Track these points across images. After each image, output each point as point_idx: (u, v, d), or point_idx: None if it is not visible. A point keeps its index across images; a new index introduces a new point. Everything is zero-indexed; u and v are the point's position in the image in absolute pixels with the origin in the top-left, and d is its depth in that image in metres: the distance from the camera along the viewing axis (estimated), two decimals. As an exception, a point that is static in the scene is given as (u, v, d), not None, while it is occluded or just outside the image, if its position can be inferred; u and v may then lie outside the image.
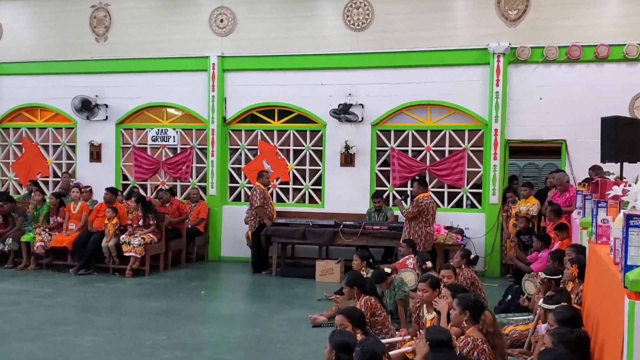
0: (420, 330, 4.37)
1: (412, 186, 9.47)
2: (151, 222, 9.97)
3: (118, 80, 11.92)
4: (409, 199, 9.08)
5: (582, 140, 9.90)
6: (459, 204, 10.74)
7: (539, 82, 10.08)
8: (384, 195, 10.70)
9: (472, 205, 10.70)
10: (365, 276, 6.71)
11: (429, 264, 6.81)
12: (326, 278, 9.41)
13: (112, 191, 10.41)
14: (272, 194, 11.19)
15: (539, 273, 5.89)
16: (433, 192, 10.56)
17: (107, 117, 11.96)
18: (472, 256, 7.30)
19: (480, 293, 6.77)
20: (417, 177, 10.06)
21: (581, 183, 8.71)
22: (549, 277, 5.55)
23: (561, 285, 5.42)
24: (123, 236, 9.81)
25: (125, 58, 11.83)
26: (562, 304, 4.34)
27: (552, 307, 4.34)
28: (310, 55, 10.98)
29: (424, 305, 5.44)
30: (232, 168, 11.72)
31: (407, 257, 7.88)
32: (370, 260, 7.62)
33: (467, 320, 4.21)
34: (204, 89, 11.47)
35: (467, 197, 10.67)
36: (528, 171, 14.79)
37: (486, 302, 6.73)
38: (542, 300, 4.56)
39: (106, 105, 11.94)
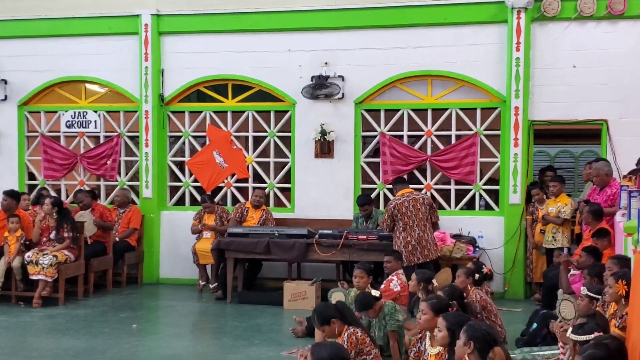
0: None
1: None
2: (66, 235, 9.91)
3: (20, 47, 11.90)
4: None
5: (628, 121, 10.05)
6: (470, 205, 10.86)
7: (572, 46, 10.19)
8: (373, 195, 10.79)
9: (487, 207, 10.79)
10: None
11: (436, 283, 6.82)
12: (297, 304, 9.39)
13: (12, 195, 10.24)
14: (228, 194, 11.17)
15: (581, 289, 5.93)
16: (436, 190, 10.75)
17: (6, 96, 11.97)
18: (482, 271, 7.31)
19: (495, 321, 6.83)
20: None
21: (627, 176, 8.74)
22: (594, 295, 5.56)
23: (598, 308, 5.45)
24: (29, 254, 9.73)
25: (30, 18, 11.77)
26: (596, 334, 4.35)
27: (585, 338, 4.36)
28: (273, 12, 11.03)
29: (427, 336, 5.45)
30: (173, 162, 11.73)
31: (394, 274, 7.90)
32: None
33: (470, 354, 4.24)
34: (134, 58, 11.47)
35: (481, 195, 10.75)
36: (561, 161, 14.92)
37: (503, 334, 6.84)
38: (570, 330, 4.58)
39: (5, 81, 11.95)
